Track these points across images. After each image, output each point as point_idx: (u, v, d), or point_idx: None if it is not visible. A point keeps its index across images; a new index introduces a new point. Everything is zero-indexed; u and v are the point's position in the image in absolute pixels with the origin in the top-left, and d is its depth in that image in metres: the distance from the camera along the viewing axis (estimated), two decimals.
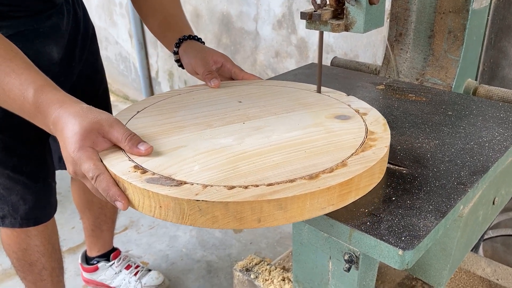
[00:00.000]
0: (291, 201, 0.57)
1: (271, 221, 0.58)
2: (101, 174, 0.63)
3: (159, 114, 0.84)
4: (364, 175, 0.63)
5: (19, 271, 1.32)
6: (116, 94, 3.53)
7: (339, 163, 0.64)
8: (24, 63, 0.74)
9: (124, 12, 3.04)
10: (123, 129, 0.68)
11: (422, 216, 0.61)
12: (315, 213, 0.60)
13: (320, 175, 0.61)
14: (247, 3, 2.18)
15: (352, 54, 1.85)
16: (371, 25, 0.79)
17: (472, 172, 0.72)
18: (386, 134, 0.73)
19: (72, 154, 0.65)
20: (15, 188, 1.16)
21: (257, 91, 0.95)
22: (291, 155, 0.67)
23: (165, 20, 1.10)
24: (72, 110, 0.68)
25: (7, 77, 0.71)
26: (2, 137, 1.09)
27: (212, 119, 0.81)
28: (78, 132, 0.65)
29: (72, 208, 2.14)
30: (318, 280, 0.83)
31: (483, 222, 0.93)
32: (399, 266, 0.56)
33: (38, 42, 1.06)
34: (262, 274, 1.16)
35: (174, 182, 0.61)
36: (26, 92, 0.70)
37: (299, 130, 0.75)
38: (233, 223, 0.58)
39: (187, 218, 0.58)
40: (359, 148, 0.68)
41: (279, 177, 0.61)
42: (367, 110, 0.82)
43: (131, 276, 1.66)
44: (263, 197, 0.57)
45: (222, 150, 0.69)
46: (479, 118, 0.91)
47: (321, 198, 0.59)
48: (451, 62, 1.10)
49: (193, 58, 1.00)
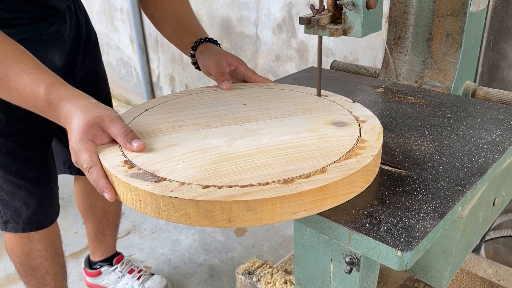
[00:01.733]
0: (260, 203, 0.58)
1: (241, 222, 0.60)
2: (93, 166, 0.68)
3: (165, 113, 0.87)
4: (341, 183, 0.62)
5: (23, 275, 1.33)
6: (118, 99, 3.54)
7: (318, 169, 0.64)
8: (33, 62, 0.78)
9: (125, 17, 3.06)
10: (121, 125, 0.72)
11: (420, 218, 0.62)
12: (286, 217, 0.60)
13: (296, 180, 0.61)
14: (248, 8, 2.19)
15: (352, 57, 1.86)
16: (369, 29, 0.80)
17: (470, 174, 0.72)
18: (377, 143, 0.72)
19: (73, 145, 0.70)
20: (18, 193, 1.17)
21: (265, 94, 0.96)
22: (274, 158, 0.68)
23: (179, 24, 1.12)
24: (80, 105, 0.73)
25: (19, 77, 0.75)
26: (5, 142, 1.10)
27: (212, 119, 0.83)
28: (81, 125, 0.70)
29: (75, 213, 2.15)
30: (320, 283, 0.84)
31: (483, 223, 0.94)
32: (398, 267, 0.57)
33: (41, 49, 1.07)
34: (264, 277, 1.16)
35: (155, 178, 0.64)
36: (38, 90, 0.75)
37: (291, 135, 0.76)
38: (205, 221, 0.60)
39: (163, 213, 0.61)
40: (343, 156, 0.68)
41: (254, 180, 0.62)
42: (367, 118, 0.82)
43: (134, 280, 1.67)
44: (233, 197, 0.58)
45: (210, 150, 0.71)
46: (478, 120, 0.92)
47: (292, 203, 0.59)
48: (449, 64, 1.11)
49: (207, 60, 1.02)
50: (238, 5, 2.23)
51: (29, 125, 1.13)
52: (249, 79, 1.03)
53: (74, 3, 1.19)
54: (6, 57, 0.76)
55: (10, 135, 1.10)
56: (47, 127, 1.19)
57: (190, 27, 1.11)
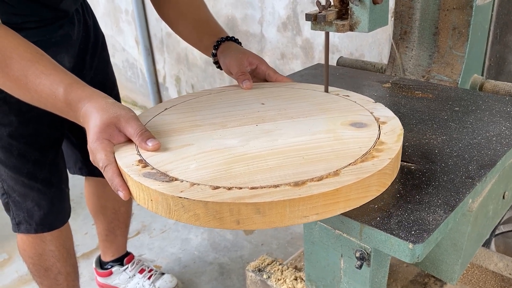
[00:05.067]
0: (269, 206, 0.57)
1: (250, 224, 0.58)
2: (109, 165, 0.69)
3: (183, 113, 0.87)
4: (355, 187, 0.60)
5: (36, 276, 1.34)
6: (124, 100, 3.56)
7: (332, 172, 0.62)
8: (51, 63, 0.80)
9: (130, 19, 3.08)
10: (137, 125, 0.73)
11: (431, 210, 0.62)
12: (296, 220, 0.59)
13: (307, 183, 0.60)
14: (252, 6, 2.20)
15: (358, 54, 1.86)
16: (375, 24, 0.80)
17: (480, 166, 0.72)
18: (396, 145, 0.69)
19: (90, 144, 0.71)
20: (30, 195, 1.19)
21: (284, 94, 0.94)
22: (287, 160, 0.66)
23: (198, 24, 1.11)
24: (97, 105, 0.74)
25: (38, 78, 0.77)
26: (17, 144, 1.11)
27: (229, 119, 0.82)
28: (98, 125, 0.71)
29: (85, 214, 2.17)
30: (330, 278, 0.84)
31: (493, 216, 0.93)
32: (409, 260, 0.57)
33: (50, 52, 1.07)
34: (274, 274, 1.16)
35: (167, 178, 0.63)
36: (57, 91, 0.76)
37: (307, 136, 0.74)
38: (213, 223, 0.59)
39: (173, 213, 0.61)
40: (359, 158, 0.65)
41: (265, 182, 0.61)
42: (388, 119, 0.79)
43: (145, 280, 1.68)
44: (242, 199, 0.57)
45: (224, 151, 0.70)
46: (486, 113, 0.92)
47: (302, 206, 0.58)
48: (456, 58, 1.11)
49: (228, 59, 1.02)
50: (243, 4, 2.24)
51: (40, 127, 1.14)
52: (270, 78, 1.02)
53: (82, 6, 1.20)
54: (25, 59, 0.78)
55: (21, 137, 1.12)
56: (58, 129, 1.20)
57: (210, 27, 1.11)
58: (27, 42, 0.81)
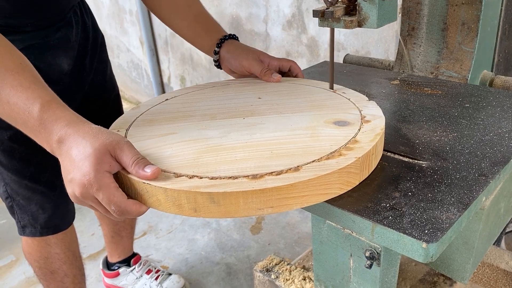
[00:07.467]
0: (223, 196, 0.59)
1: (206, 213, 0.61)
2: (123, 203, 0.63)
3: (181, 103, 0.90)
4: (311, 183, 0.61)
5: (42, 279, 1.34)
6: (129, 101, 3.56)
7: (293, 167, 0.63)
8: (33, 77, 0.72)
9: (135, 19, 3.07)
10: (132, 153, 0.65)
11: (444, 209, 0.60)
12: (251, 212, 0.60)
13: (265, 177, 0.61)
14: (256, 5, 2.19)
15: (364, 51, 1.84)
16: (384, 20, 0.79)
17: (493, 163, 0.71)
18: (369, 144, 0.68)
19: (86, 176, 0.62)
20: (34, 198, 1.18)
21: (284, 89, 0.95)
22: (256, 153, 0.68)
23: (195, 20, 1.09)
24: (81, 131, 0.65)
25: (13, 90, 0.69)
26: (18, 147, 1.10)
27: (221, 111, 0.84)
28: (92, 154, 0.62)
29: (91, 215, 2.16)
30: (340, 278, 0.83)
31: (504, 214, 0.92)
32: (423, 259, 0.56)
33: (49, 55, 1.06)
34: (282, 274, 1.15)
35: None
36: (32, 106, 0.68)
37: (285, 131, 0.74)
38: (173, 209, 0.62)
39: (140, 197, 0.64)
40: (325, 156, 0.65)
41: (226, 173, 0.63)
42: (373, 118, 0.77)
43: (152, 281, 1.67)
44: (197, 188, 0.59)
45: (201, 141, 0.73)
46: (497, 109, 0.90)
47: (256, 199, 0.59)
48: (465, 54, 1.09)
49: (245, 60, 1.02)
50: (247, 3, 2.23)
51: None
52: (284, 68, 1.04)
53: (80, 6, 1.18)
54: (4, 67, 0.70)
55: (22, 140, 1.11)
56: None
57: (208, 23, 1.10)
58: (13, 50, 0.74)
